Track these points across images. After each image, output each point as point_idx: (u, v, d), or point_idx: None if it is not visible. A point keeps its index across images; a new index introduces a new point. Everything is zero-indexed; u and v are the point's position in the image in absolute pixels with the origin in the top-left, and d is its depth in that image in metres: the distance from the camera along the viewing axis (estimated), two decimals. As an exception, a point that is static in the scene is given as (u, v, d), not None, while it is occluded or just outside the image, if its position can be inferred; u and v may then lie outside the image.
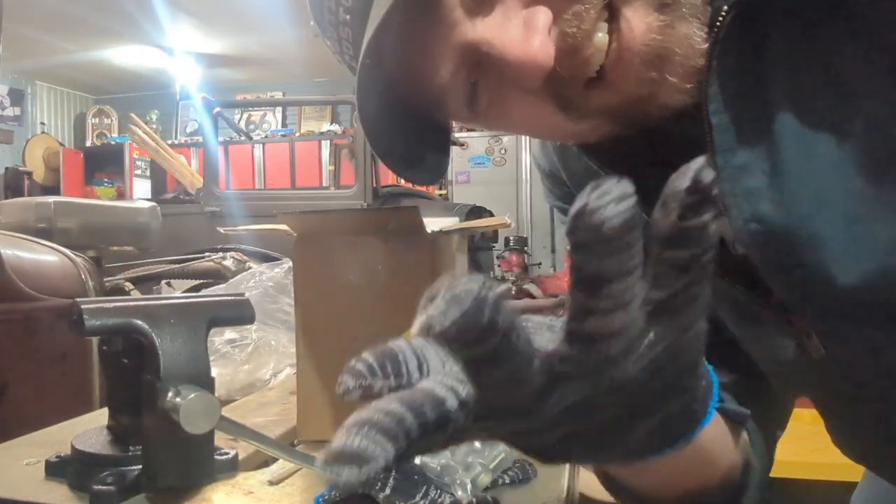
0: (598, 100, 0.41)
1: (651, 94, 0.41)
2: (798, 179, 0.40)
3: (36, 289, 1.15)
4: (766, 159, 0.41)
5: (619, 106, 0.42)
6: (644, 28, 0.38)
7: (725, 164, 0.41)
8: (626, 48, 0.39)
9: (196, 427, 0.47)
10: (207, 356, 0.52)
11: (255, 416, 0.74)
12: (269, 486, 0.53)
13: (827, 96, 0.39)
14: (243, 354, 0.90)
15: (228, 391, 0.84)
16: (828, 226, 0.39)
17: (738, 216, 0.42)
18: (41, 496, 0.52)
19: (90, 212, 1.94)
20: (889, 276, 0.38)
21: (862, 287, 0.39)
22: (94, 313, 0.50)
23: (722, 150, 0.41)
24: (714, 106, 0.40)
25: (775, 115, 0.40)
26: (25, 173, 5.90)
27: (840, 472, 1.38)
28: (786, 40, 0.40)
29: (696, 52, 0.39)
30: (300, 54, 5.45)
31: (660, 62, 0.39)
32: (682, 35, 0.39)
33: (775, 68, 0.40)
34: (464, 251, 0.86)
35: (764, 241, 0.41)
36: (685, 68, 0.40)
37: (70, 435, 0.57)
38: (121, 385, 0.55)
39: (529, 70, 0.39)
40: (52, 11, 4.62)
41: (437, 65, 0.43)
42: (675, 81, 0.40)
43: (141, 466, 0.52)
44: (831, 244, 0.39)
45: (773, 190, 0.41)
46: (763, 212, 0.41)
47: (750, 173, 0.41)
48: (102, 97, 6.85)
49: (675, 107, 0.41)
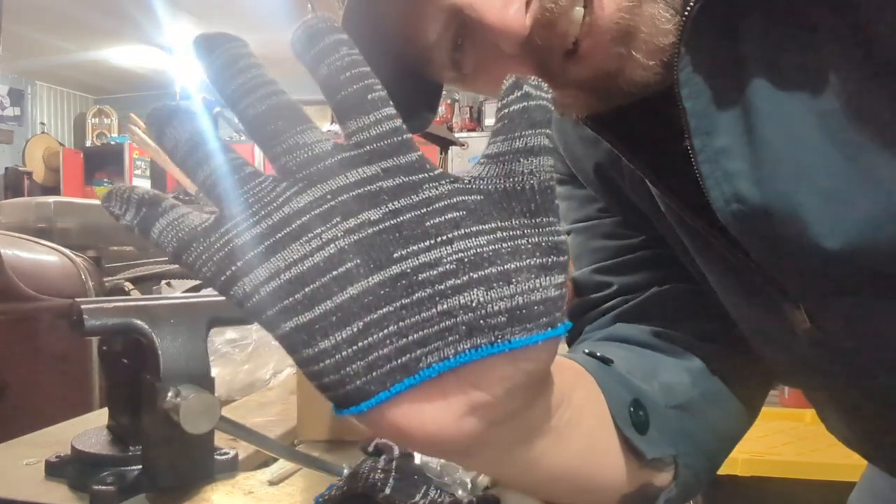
0: (573, 72, 0.44)
1: (619, 69, 0.43)
2: (776, 158, 0.41)
3: (36, 289, 1.15)
4: (743, 140, 0.42)
5: (592, 79, 0.44)
6: (614, 7, 0.41)
7: (703, 146, 0.43)
8: (596, 25, 0.42)
9: (196, 427, 0.47)
10: (207, 356, 0.52)
11: (254, 416, 0.74)
12: (269, 486, 0.53)
13: (804, 75, 0.40)
14: (243, 354, 0.90)
15: (228, 391, 0.84)
16: (808, 201, 0.40)
17: (719, 197, 0.43)
18: (41, 496, 0.52)
19: (90, 212, 1.94)
20: (868, 245, 0.39)
21: (842, 257, 0.40)
22: (94, 313, 0.50)
23: (699, 133, 0.43)
24: (686, 90, 0.42)
25: (751, 96, 0.41)
26: (25, 173, 5.90)
27: (839, 472, 1.38)
28: (763, 19, 0.41)
29: (661, 31, 0.42)
30: (300, 54, 5.46)
31: (627, 39, 0.42)
32: (649, 15, 0.42)
33: (751, 48, 0.42)
34: None
35: (746, 219, 0.43)
36: (649, 45, 0.42)
37: (70, 435, 0.57)
38: (121, 385, 0.55)
39: (505, 35, 0.41)
40: (52, 11, 4.62)
41: (427, 24, 0.45)
42: (640, 58, 0.42)
43: (141, 466, 0.52)
44: (811, 219, 0.40)
45: (752, 169, 0.42)
46: (743, 192, 0.42)
47: (728, 155, 0.42)
48: (102, 97, 6.85)
49: (640, 83, 0.44)
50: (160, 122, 0.27)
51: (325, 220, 0.26)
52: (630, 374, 0.49)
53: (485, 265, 0.26)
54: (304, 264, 0.26)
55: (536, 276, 0.26)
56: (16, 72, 6.02)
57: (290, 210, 0.26)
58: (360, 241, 0.26)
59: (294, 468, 0.55)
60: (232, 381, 0.86)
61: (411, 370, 0.26)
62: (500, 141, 0.27)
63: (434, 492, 0.47)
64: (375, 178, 0.26)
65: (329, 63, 0.27)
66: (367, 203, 0.26)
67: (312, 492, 0.51)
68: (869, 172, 0.39)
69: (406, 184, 0.26)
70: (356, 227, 0.26)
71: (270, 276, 0.26)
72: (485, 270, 0.26)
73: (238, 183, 0.27)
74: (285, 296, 0.26)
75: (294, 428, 0.69)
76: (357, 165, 0.26)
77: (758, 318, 0.51)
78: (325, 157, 0.26)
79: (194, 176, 0.28)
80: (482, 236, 0.26)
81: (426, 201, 0.26)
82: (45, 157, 6.16)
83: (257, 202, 0.27)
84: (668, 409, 0.50)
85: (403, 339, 0.26)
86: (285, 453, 0.53)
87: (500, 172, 0.27)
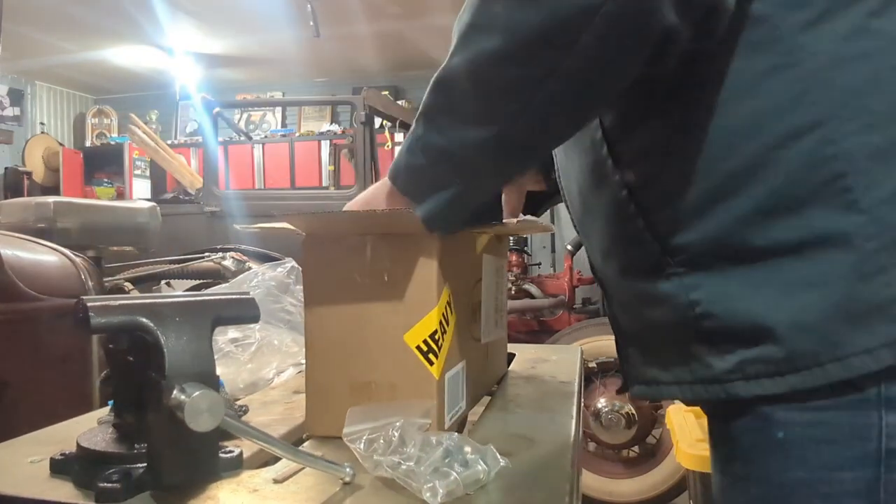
0: None
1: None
2: (563, 172, 0.73)
3: (36, 289, 1.15)
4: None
5: None
6: None
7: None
8: None
9: (200, 425, 0.47)
10: (212, 354, 0.52)
11: (258, 415, 0.74)
12: (274, 484, 0.53)
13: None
14: (246, 354, 0.90)
15: (232, 390, 0.84)
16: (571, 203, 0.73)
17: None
18: (46, 493, 0.52)
19: (90, 212, 1.94)
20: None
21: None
22: (100, 311, 0.50)
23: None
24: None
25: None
26: (25, 173, 5.90)
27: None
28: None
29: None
30: (300, 54, 5.45)
31: None
32: None
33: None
34: (499, 253, 0.86)
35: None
36: None
37: (74, 433, 0.57)
38: (125, 383, 0.56)
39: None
40: (52, 11, 4.62)
41: None
42: None
43: (146, 464, 0.52)
44: (572, 210, 0.73)
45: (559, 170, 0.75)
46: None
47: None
48: (102, 97, 6.84)
49: None
50: None
51: None
52: None
53: None
54: None
55: None
56: (16, 72, 6.01)
57: None
58: None
59: (299, 466, 0.55)
60: (235, 380, 0.86)
61: None
62: None
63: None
64: None
65: None
66: None
67: (318, 490, 0.52)
68: (597, 201, 0.66)
69: None
70: None
71: None
72: None
73: None
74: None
75: (298, 426, 0.69)
76: None
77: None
78: None
79: None
80: None
81: None
82: (45, 157, 6.15)
83: None
84: None
85: None
86: (289, 452, 0.53)
87: None
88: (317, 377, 0.65)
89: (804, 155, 0.52)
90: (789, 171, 0.52)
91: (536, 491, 0.52)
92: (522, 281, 3.38)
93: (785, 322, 0.52)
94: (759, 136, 0.53)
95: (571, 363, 1.03)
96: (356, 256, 0.63)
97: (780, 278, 0.53)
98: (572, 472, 0.57)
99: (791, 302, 0.52)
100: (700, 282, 0.56)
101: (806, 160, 0.51)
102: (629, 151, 0.60)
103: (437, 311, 0.60)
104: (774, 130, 0.52)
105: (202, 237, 3.06)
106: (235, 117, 6.07)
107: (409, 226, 0.59)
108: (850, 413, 0.52)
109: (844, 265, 0.51)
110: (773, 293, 0.53)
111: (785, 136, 0.52)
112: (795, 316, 0.52)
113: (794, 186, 0.52)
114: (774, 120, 0.52)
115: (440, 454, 0.51)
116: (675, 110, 0.56)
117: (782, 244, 0.53)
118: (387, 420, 0.54)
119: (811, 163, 0.51)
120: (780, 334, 0.53)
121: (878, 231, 0.50)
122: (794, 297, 0.52)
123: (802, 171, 0.52)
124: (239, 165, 5.62)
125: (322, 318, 0.64)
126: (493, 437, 0.64)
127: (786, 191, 0.52)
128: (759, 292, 0.54)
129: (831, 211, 0.51)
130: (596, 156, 0.63)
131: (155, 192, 5.99)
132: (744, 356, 0.54)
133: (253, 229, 2.31)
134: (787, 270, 0.53)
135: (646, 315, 0.62)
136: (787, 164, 0.52)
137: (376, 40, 5.24)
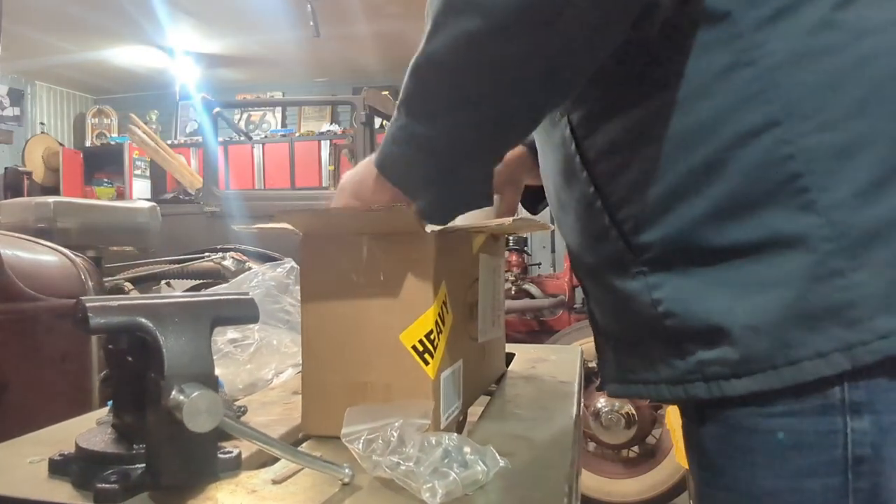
0: None
1: None
2: (542, 169, 0.73)
3: (35, 289, 1.15)
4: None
5: None
6: None
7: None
8: None
9: (199, 425, 0.47)
10: (211, 355, 0.52)
11: (257, 416, 0.74)
12: (273, 484, 0.53)
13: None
14: (245, 354, 0.90)
15: (231, 390, 0.84)
16: (549, 200, 0.73)
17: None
18: (45, 494, 0.51)
19: (90, 212, 1.94)
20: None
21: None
22: (99, 311, 0.50)
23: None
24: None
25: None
26: (25, 173, 5.90)
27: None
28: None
29: None
30: (300, 54, 5.45)
31: None
32: None
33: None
34: (496, 252, 0.86)
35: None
36: None
37: (73, 433, 0.57)
38: (124, 383, 0.55)
39: None
40: (52, 11, 4.62)
41: None
42: None
43: (144, 465, 0.52)
44: (551, 207, 0.73)
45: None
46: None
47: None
48: (102, 97, 6.85)
49: None
50: None
51: None
52: None
53: None
54: None
55: None
56: (15, 72, 6.01)
57: None
58: None
59: (297, 467, 0.55)
60: (234, 381, 0.86)
61: None
62: None
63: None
64: None
65: None
66: None
67: (316, 490, 0.51)
68: (569, 197, 0.66)
69: None
70: None
71: None
72: None
73: None
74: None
75: (296, 427, 0.69)
76: None
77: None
78: None
79: None
80: None
81: None
82: (45, 157, 6.15)
83: None
84: None
85: None
86: (288, 453, 0.53)
87: None
88: (313, 377, 0.65)
89: (760, 155, 0.51)
90: (746, 171, 0.51)
91: (536, 491, 0.52)
92: (522, 281, 3.38)
93: (740, 323, 0.52)
94: (717, 135, 0.52)
95: (571, 363, 1.03)
96: (353, 255, 0.63)
97: (737, 279, 0.52)
98: (572, 473, 0.57)
99: (746, 303, 0.52)
100: (662, 281, 0.56)
101: (762, 160, 0.51)
102: (594, 148, 0.60)
103: (433, 310, 0.60)
104: (731, 130, 0.52)
105: (202, 237, 3.06)
106: (235, 117, 6.07)
107: (406, 225, 0.59)
108: (814, 419, 0.51)
109: (800, 267, 0.50)
110: (730, 294, 0.52)
111: (742, 135, 0.51)
112: (750, 317, 0.51)
113: (751, 186, 0.51)
114: (731, 119, 0.52)
115: (439, 454, 0.51)
116: (636, 108, 0.56)
117: (740, 245, 0.52)
118: (385, 420, 0.54)
119: (767, 163, 0.51)
120: (735, 336, 0.52)
121: (835, 233, 0.49)
122: (749, 299, 0.52)
123: (759, 171, 0.51)
124: (239, 165, 5.62)
125: (319, 318, 0.64)
126: (493, 437, 0.64)
127: (743, 191, 0.51)
128: (716, 293, 0.53)
129: (788, 212, 0.50)
130: (566, 152, 0.62)
131: (155, 192, 6.00)
132: (703, 357, 0.54)
133: (251, 230, 2.31)
134: (744, 271, 0.52)
135: (617, 313, 0.62)
136: (745, 164, 0.51)
137: (376, 40, 5.24)
